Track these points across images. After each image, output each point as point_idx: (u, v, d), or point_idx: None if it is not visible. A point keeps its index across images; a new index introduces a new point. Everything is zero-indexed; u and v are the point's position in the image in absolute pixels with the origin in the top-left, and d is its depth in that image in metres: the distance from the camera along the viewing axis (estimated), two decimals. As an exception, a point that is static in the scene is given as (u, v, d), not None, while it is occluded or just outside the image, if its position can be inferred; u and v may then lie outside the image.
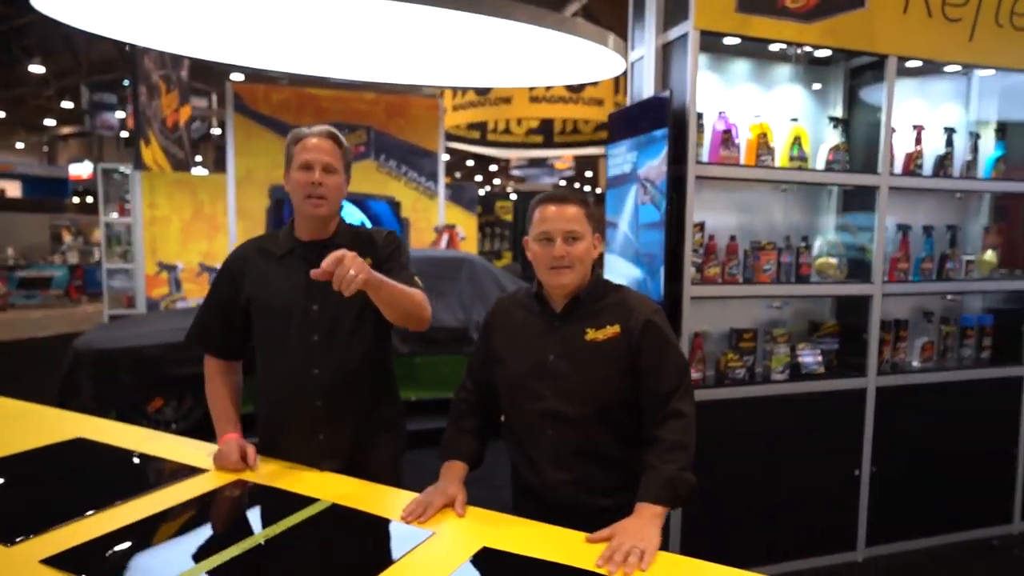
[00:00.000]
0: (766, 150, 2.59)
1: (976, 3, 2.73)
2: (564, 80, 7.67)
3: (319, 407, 1.58)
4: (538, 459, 1.45)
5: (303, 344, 1.58)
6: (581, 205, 1.44)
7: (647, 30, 2.58)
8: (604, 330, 1.41)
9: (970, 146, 2.94)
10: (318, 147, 1.57)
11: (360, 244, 1.62)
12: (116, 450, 1.65)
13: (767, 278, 2.63)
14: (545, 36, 4.75)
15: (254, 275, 1.65)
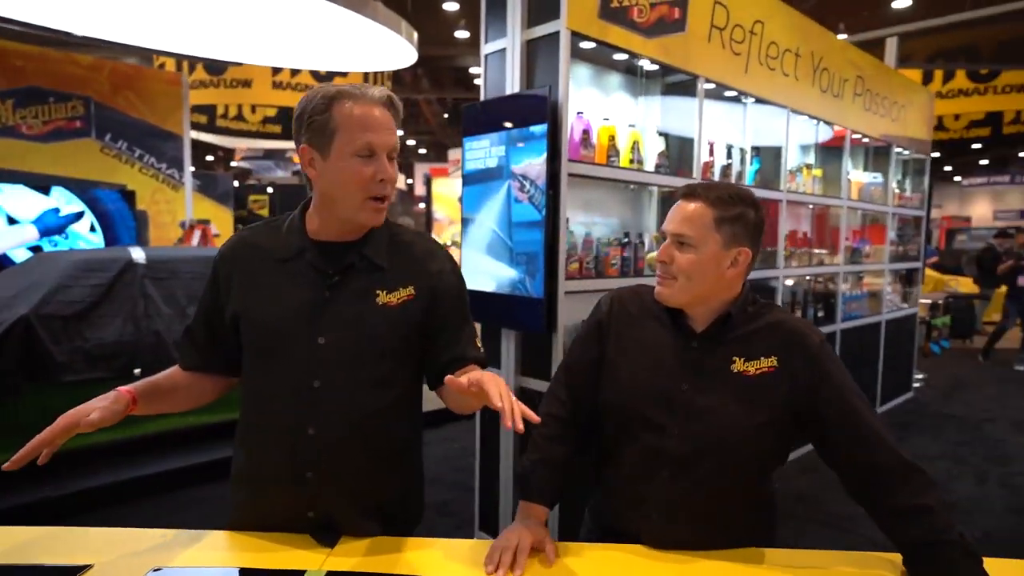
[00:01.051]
0: (614, 152, 2.78)
1: (748, 43, 3.32)
2: (347, 66, 7.20)
3: (311, 479, 1.14)
4: (642, 503, 1.21)
5: (298, 389, 1.13)
6: (711, 205, 1.17)
7: (511, 25, 2.56)
8: (757, 362, 1.17)
9: (739, 159, 3.57)
10: (382, 123, 1.09)
11: (405, 255, 1.20)
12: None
13: (615, 272, 2.83)
14: (332, 14, 4.42)
15: (244, 283, 1.19)
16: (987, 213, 30.04)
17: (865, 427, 1.14)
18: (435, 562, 1.12)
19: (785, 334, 1.19)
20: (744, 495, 1.22)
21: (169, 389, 1.23)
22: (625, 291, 1.35)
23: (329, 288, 1.14)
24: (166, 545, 1.13)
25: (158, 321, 3.60)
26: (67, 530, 1.18)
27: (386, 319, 1.15)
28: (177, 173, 6.75)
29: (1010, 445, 4.40)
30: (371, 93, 1.10)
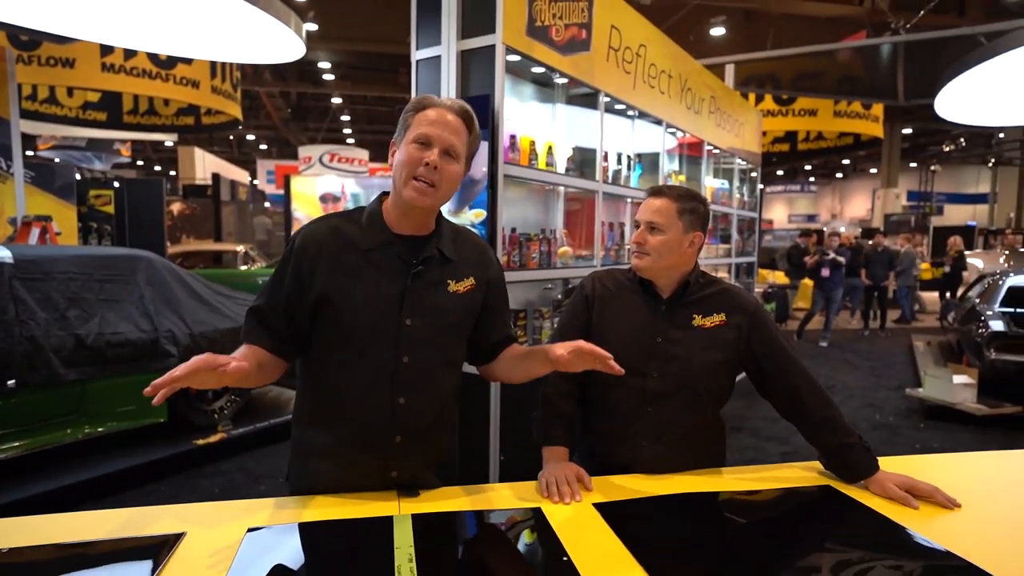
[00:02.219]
0: (534, 156, 3.07)
1: (635, 63, 3.79)
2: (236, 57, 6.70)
3: (399, 443, 1.29)
4: (633, 435, 1.52)
5: (390, 365, 1.27)
6: (674, 200, 1.51)
7: (445, 35, 2.74)
8: (711, 318, 1.52)
9: (626, 165, 4.04)
10: (444, 122, 1.25)
11: (465, 250, 1.36)
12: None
13: (535, 264, 3.12)
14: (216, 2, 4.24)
15: (330, 269, 1.27)
16: (784, 216, 35.13)
17: (789, 361, 1.54)
18: (502, 498, 1.33)
19: (730, 298, 1.57)
20: (707, 421, 1.58)
21: (253, 370, 1.25)
22: (600, 273, 1.68)
23: (412, 276, 1.28)
24: (251, 509, 1.21)
25: (33, 326, 3.25)
26: (154, 508, 1.21)
27: (456, 304, 1.33)
28: (3, 163, 5.91)
29: (827, 404, 5.39)
30: (447, 102, 1.29)
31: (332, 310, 1.26)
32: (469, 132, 1.30)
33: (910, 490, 1.34)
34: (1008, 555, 1.11)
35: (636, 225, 1.57)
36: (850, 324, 10.52)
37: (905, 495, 1.33)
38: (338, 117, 23.05)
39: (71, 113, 13.00)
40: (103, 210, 7.48)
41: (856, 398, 5.63)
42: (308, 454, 1.33)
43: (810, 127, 15.08)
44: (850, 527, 1.27)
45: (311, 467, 1.33)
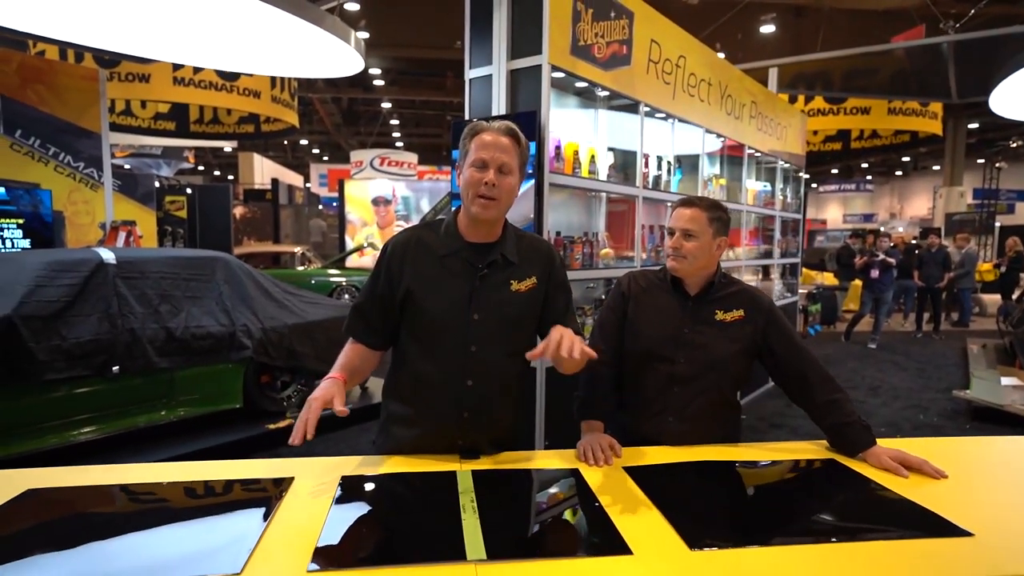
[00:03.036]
0: (577, 164, 3.30)
1: (675, 74, 3.97)
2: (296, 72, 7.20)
3: (466, 418, 1.54)
4: (661, 411, 1.76)
5: (460, 353, 1.52)
6: (704, 210, 1.75)
7: (496, 56, 3.01)
8: (731, 313, 1.76)
9: (666, 170, 4.22)
10: (495, 144, 1.49)
11: (528, 252, 1.59)
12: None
13: (578, 265, 3.36)
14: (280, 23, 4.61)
15: (414, 271, 1.54)
16: (838, 216, 34.12)
17: (799, 352, 1.77)
18: (546, 461, 1.58)
19: (748, 297, 1.81)
20: (726, 402, 1.82)
21: (359, 364, 1.58)
22: (635, 273, 1.93)
23: (479, 278, 1.54)
24: (343, 464, 1.49)
25: (132, 320, 3.67)
26: (271, 460, 1.53)
27: (517, 302, 1.57)
28: (96, 172, 6.51)
29: (869, 406, 5.42)
30: (495, 125, 1.53)
31: (414, 306, 1.54)
32: (518, 146, 1.54)
33: (902, 462, 1.53)
34: (975, 512, 1.29)
35: (670, 232, 1.80)
36: (903, 326, 10.31)
37: (896, 465, 1.52)
38: (388, 121, 23.70)
39: (144, 124, 13.91)
40: (177, 215, 8.08)
41: (901, 399, 5.63)
42: (392, 422, 1.62)
43: (863, 125, 14.75)
44: (846, 490, 1.46)
45: (394, 432, 1.61)
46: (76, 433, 3.50)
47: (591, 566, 1.08)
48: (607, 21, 3.26)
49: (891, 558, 1.12)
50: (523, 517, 1.31)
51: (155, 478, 1.42)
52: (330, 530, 1.17)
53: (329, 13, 4.89)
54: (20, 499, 1.28)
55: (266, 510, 1.25)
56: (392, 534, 1.20)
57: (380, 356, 1.65)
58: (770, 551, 1.13)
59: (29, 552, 1.08)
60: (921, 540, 1.18)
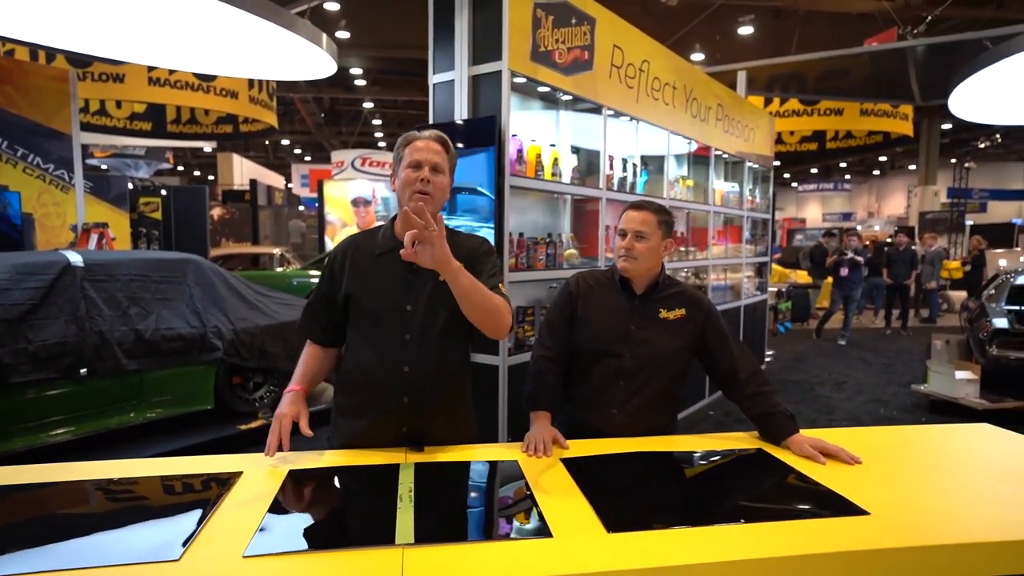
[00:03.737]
0: (540, 167, 3.38)
1: (638, 78, 4.07)
2: (271, 75, 7.21)
3: (406, 403, 1.64)
4: (607, 404, 1.86)
5: (396, 342, 1.63)
6: (654, 213, 1.86)
7: (458, 62, 3.08)
8: (673, 312, 1.88)
9: (631, 172, 4.32)
10: (427, 147, 1.63)
11: (459, 245, 1.68)
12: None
13: (542, 265, 3.43)
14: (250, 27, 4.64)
15: (354, 271, 1.68)
16: (818, 215, 34.60)
17: (731, 350, 1.89)
18: (488, 453, 1.66)
19: (689, 297, 1.94)
20: (667, 395, 1.92)
21: (317, 368, 1.72)
22: (583, 273, 2.03)
23: (412, 272, 1.64)
24: (293, 459, 1.56)
25: (100, 322, 3.69)
26: (221, 456, 1.60)
27: (447, 292, 1.63)
28: (66, 174, 6.47)
29: (833, 400, 5.57)
30: (426, 133, 1.67)
31: (355, 301, 1.68)
32: (447, 152, 1.69)
33: (820, 450, 1.63)
34: (876, 493, 1.38)
35: (622, 234, 1.90)
36: (873, 323, 10.54)
37: (814, 452, 1.62)
38: (370, 121, 23.65)
39: (119, 124, 13.79)
40: (152, 216, 8.05)
41: (864, 394, 5.79)
42: (340, 414, 1.72)
43: (837, 126, 15.02)
44: (764, 477, 1.56)
45: (342, 425, 1.71)
46: (46, 436, 3.52)
47: (511, 548, 1.16)
48: (568, 27, 3.35)
49: (792, 536, 1.21)
50: (456, 505, 1.39)
51: (108, 475, 1.48)
52: (270, 520, 1.24)
53: (300, 17, 4.93)
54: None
55: (211, 502, 1.31)
56: (329, 523, 1.27)
57: (336, 354, 1.78)
58: (681, 532, 1.22)
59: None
60: (822, 520, 1.28)
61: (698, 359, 1.93)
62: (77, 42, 5.77)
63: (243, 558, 1.09)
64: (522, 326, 3.36)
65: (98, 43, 5.76)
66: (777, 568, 1.13)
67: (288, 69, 5.73)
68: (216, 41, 5.22)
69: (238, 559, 1.09)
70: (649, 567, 1.10)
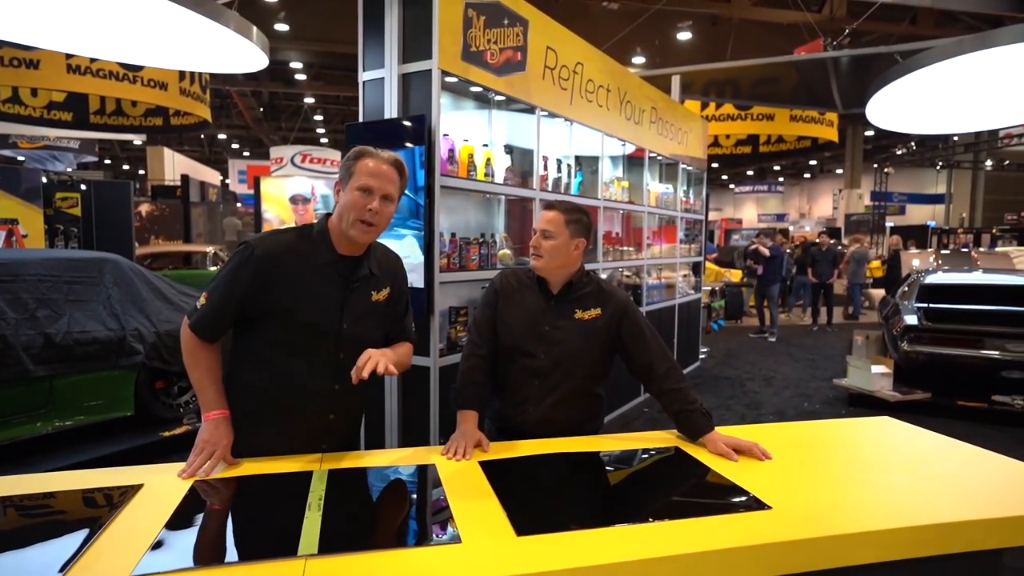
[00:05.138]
0: (473, 167, 3.37)
1: (572, 80, 4.11)
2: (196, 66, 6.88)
3: (332, 420, 1.62)
4: (523, 402, 1.87)
5: (330, 360, 1.58)
6: (562, 212, 1.87)
7: (388, 60, 3.03)
8: (588, 311, 1.89)
9: (566, 172, 4.36)
10: (381, 173, 1.55)
11: (383, 264, 1.68)
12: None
13: (475, 265, 3.42)
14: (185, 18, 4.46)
15: (288, 282, 1.55)
16: (754, 216, 35.94)
17: (648, 345, 1.90)
18: (405, 457, 1.63)
19: (606, 295, 1.94)
20: (584, 392, 1.93)
21: (218, 369, 1.61)
22: (507, 271, 2.04)
23: (350, 290, 1.61)
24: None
25: (4, 325, 3.46)
26: (123, 468, 1.52)
27: (377, 311, 1.67)
28: (-29, 167, 6.03)
29: (761, 395, 5.80)
30: (383, 154, 1.59)
31: (287, 313, 1.55)
32: (401, 178, 1.62)
33: (734, 447, 1.68)
34: (785, 491, 1.44)
35: (535, 232, 1.91)
36: (802, 320, 11.02)
37: (727, 450, 1.68)
38: (311, 117, 23.08)
39: (35, 113, 12.92)
40: (70, 212, 7.60)
41: (790, 388, 6.05)
42: (251, 426, 1.59)
43: (769, 131, 15.62)
44: (677, 476, 1.60)
45: (252, 437, 1.59)
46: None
47: (419, 556, 1.14)
48: (500, 28, 3.35)
49: (697, 533, 1.24)
50: (366, 512, 1.36)
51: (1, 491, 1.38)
52: (166, 536, 1.18)
53: (227, 7, 4.75)
54: None
55: (102, 518, 1.24)
56: (230, 536, 1.22)
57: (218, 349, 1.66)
58: (591, 533, 1.23)
59: None
60: (727, 516, 1.32)
61: (618, 354, 1.96)
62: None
63: (131, 577, 1.04)
64: (454, 326, 3.34)
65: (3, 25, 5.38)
66: (680, 565, 1.16)
67: (216, 61, 5.50)
68: (138, 29, 4.96)
69: (125, 579, 1.04)
70: (555, 569, 1.11)
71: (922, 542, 1.28)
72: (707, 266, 9.17)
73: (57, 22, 4.97)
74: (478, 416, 1.84)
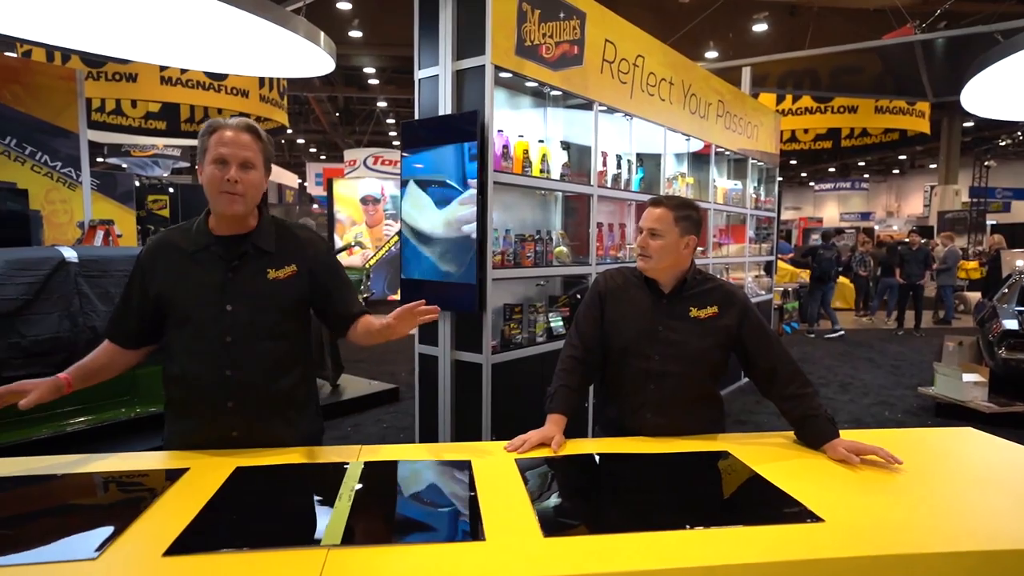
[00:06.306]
0: (528, 163, 3.34)
1: (632, 74, 4.01)
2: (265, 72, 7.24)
3: (231, 407, 1.56)
4: (639, 407, 1.79)
5: (216, 345, 1.54)
6: (670, 209, 1.77)
7: (442, 57, 3.05)
8: (704, 310, 1.78)
9: (626, 168, 4.25)
10: (234, 140, 1.49)
11: (286, 242, 1.62)
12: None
13: (530, 263, 3.39)
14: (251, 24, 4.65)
15: (165, 272, 1.58)
16: (835, 214, 34.09)
17: (770, 347, 1.80)
18: (441, 450, 1.61)
19: (722, 293, 1.83)
20: (702, 396, 1.84)
21: (101, 366, 1.63)
22: (611, 271, 1.96)
23: (231, 270, 1.57)
24: (244, 456, 1.53)
25: (95, 318, 3.71)
26: (175, 452, 1.59)
27: (275, 289, 1.59)
28: (74, 172, 6.55)
29: (836, 402, 5.46)
30: (231, 122, 1.53)
31: (169, 303, 1.57)
32: (259, 141, 1.55)
33: (856, 451, 1.57)
34: (841, 502, 1.33)
35: (640, 231, 1.84)
36: (886, 324, 10.34)
37: (848, 454, 1.57)
38: (383, 120, 23.72)
39: (135, 123, 13.94)
40: (159, 214, 8.13)
41: (870, 395, 5.67)
42: (170, 416, 1.65)
43: (852, 124, 14.75)
44: (727, 480, 1.51)
45: (172, 425, 1.64)
46: (34, 430, 3.54)
47: (440, 551, 1.12)
48: (556, 22, 3.30)
49: (736, 543, 1.15)
50: (394, 505, 1.35)
51: (56, 470, 1.47)
52: (200, 518, 1.21)
53: (295, 14, 4.93)
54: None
55: (146, 499, 1.29)
56: (261, 521, 1.24)
57: (138, 354, 1.68)
58: (620, 538, 1.17)
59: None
60: (772, 527, 1.22)
61: (735, 356, 1.85)
62: (85, 42, 5.83)
63: (161, 557, 1.07)
64: (508, 324, 3.32)
65: (104, 42, 5.82)
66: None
67: (287, 66, 5.75)
68: (216, 39, 5.24)
69: (156, 558, 1.07)
70: (578, 573, 1.06)
71: (996, 568, 1.14)
72: (781, 266, 8.75)
73: (150, 37, 5.33)
74: (565, 420, 1.74)
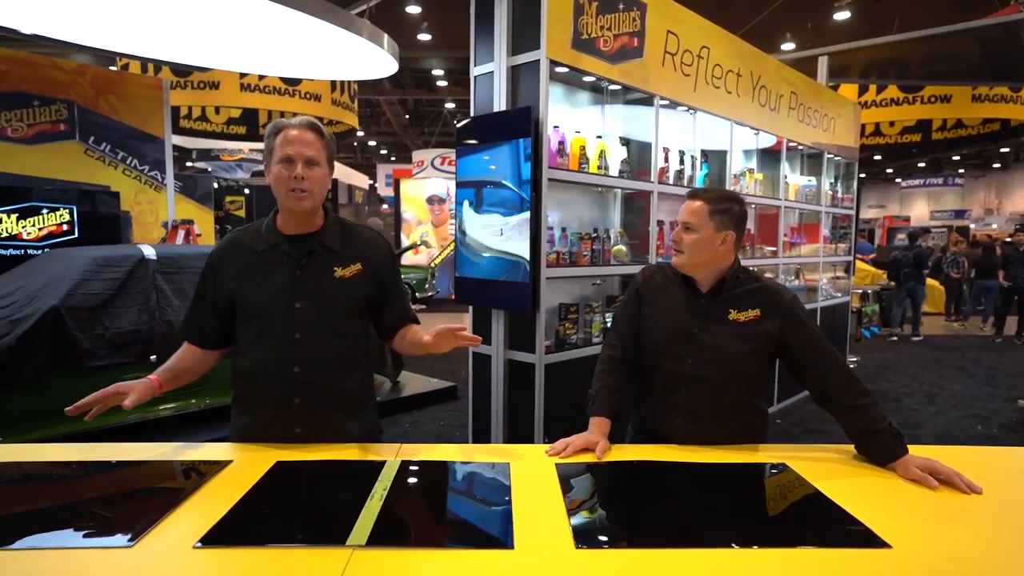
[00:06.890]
0: (584, 159, 3.26)
1: (696, 66, 3.85)
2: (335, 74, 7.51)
3: (297, 404, 1.59)
4: (670, 411, 1.70)
5: (284, 342, 1.57)
6: (707, 202, 1.66)
7: (497, 52, 3.02)
8: (745, 312, 1.66)
9: (690, 164, 4.10)
10: (299, 139, 1.54)
11: (351, 241, 1.65)
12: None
13: (586, 261, 3.31)
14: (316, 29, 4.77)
15: (235, 271, 1.62)
16: (924, 213, 31.87)
17: (820, 352, 1.64)
18: (479, 452, 1.58)
19: (766, 294, 1.70)
20: (738, 404, 1.71)
21: (186, 368, 1.68)
22: (652, 267, 1.87)
23: (300, 268, 1.60)
24: (285, 451, 1.55)
25: (170, 312, 3.92)
26: (221, 444, 1.63)
27: (341, 287, 1.61)
28: (159, 175, 6.97)
29: (921, 414, 5.07)
30: (295, 121, 1.56)
31: (239, 301, 1.61)
32: (322, 139, 1.58)
33: (931, 472, 1.41)
34: (912, 526, 1.19)
35: (675, 225, 1.75)
36: (982, 330, 9.55)
37: (923, 475, 1.41)
38: (451, 121, 24.07)
39: (218, 128, 14.76)
40: (236, 214, 8.53)
41: (960, 407, 5.23)
42: (236, 410, 1.69)
43: (945, 115, 13.66)
44: (783, 496, 1.39)
45: (237, 420, 1.67)
46: (112, 417, 3.76)
47: (465, 557, 1.08)
48: (615, 13, 3.20)
49: (787, 567, 1.06)
50: (425, 507, 1.33)
51: (103, 456, 1.53)
52: (235, 511, 1.23)
53: (359, 17, 5.05)
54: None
55: (186, 490, 1.32)
56: (290, 517, 1.24)
57: (218, 355, 1.72)
58: (657, 553, 1.10)
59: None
60: (830, 550, 1.11)
61: (782, 362, 1.72)
62: (174, 53, 6.21)
63: (192, 548, 1.08)
64: (563, 324, 3.25)
65: (189, 53, 6.16)
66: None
67: (353, 69, 5.90)
68: (288, 45, 5.45)
69: (187, 549, 1.08)
70: (609, 590, 0.99)
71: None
72: (861, 267, 8.24)
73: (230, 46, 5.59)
74: (608, 423, 1.67)
